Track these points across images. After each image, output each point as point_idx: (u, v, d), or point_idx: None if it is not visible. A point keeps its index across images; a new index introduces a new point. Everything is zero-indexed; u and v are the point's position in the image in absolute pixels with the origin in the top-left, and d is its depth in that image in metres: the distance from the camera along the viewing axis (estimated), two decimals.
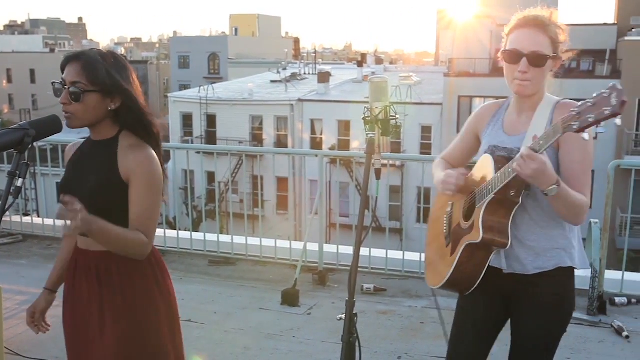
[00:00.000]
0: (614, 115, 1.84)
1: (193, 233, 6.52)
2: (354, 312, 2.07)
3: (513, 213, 2.24)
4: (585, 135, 1.90)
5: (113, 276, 2.27)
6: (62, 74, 2.23)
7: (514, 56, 2.25)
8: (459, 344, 2.57)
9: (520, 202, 2.22)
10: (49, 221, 7.13)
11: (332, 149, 27.36)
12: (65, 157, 2.46)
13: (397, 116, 2.08)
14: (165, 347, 2.35)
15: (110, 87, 2.21)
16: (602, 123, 1.87)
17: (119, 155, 2.24)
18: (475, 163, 2.45)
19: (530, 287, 2.34)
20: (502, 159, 2.27)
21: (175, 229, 6.70)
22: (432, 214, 2.69)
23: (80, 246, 2.35)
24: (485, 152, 2.38)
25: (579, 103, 1.93)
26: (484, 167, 2.31)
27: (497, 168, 2.20)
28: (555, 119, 2.24)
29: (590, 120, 1.87)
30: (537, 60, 2.23)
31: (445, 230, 2.51)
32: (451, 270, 2.33)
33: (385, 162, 6.11)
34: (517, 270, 2.33)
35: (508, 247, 2.24)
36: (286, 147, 28.74)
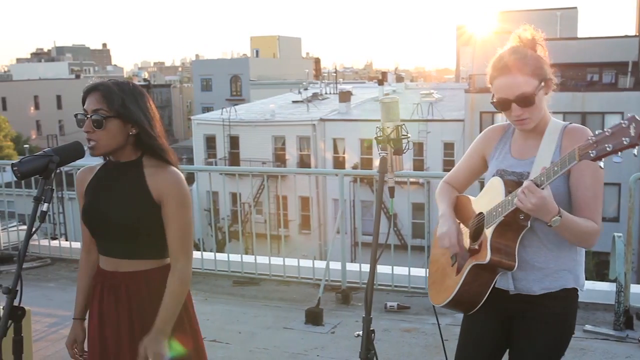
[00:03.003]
0: (632, 145, 1.86)
1: (217, 254, 6.58)
2: (372, 328, 2.08)
3: (521, 236, 2.26)
4: (601, 164, 1.93)
5: (143, 296, 2.33)
6: (84, 105, 2.32)
7: (504, 104, 2.30)
8: None
9: (529, 226, 2.24)
10: (76, 244, 7.23)
11: (354, 167, 27.40)
12: (79, 183, 2.48)
13: (409, 135, 2.12)
14: None
15: (126, 115, 2.29)
16: (619, 153, 1.89)
17: (147, 176, 2.31)
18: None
19: (534, 307, 2.36)
20: (511, 182, 2.30)
21: (199, 250, 6.76)
22: (437, 232, 2.71)
23: (106, 268, 2.40)
24: (494, 176, 2.40)
25: (597, 132, 1.95)
26: (493, 190, 2.33)
27: (508, 191, 2.23)
28: (564, 143, 2.28)
29: (608, 149, 1.89)
30: (525, 101, 2.26)
31: None
32: (456, 290, 2.36)
33: (405, 179, 6.14)
34: (523, 290, 2.35)
35: (514, 269, 2.27)
36: (309, 166, 28.83)
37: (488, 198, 2.36)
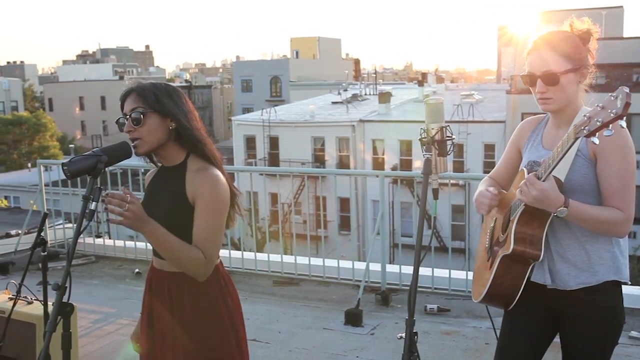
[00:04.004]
0: (618, 117, 1.85)
1: (257, 254, 6.63)
2: (414, 331, 2.08)
3: (547, 224, 2.24)
4: (595, 140, 1.91)
5: (184, 297, 2.36)
6: (122, 109, 2.38)
7: (530, 79, 2.31)
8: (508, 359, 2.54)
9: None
10: (119, 243, 7.38)
11: (394, 169, 27.30)
12: (145, 184, 2.59)
13: (454, 137, 2.11)
14: None
15: (161, 108, 2.34)
16: (610, 126, 1.88)
17: (187, 179, 2.35)
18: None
19: (577, 303, 2.33)
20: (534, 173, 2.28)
21: (239, 250, 6.82)
22: (481, 230, 2.71)
23: (155, 266, 2.46)
24: (525, 167, 2.40)
25: (592, 107, 1.94)
26: (520, 181, 2.31)
27: None
28: None
29: (598, 123, 1.88)
30: (550, 79, 2.26)
31: (487, 245, 2.53)
32: (489, 284, 2.35)
33: (446, 181, 6.10)
34: (559, 285, 2.32)
35: (541, 259, 2.25)
36: (348, 167, 28.83)
37: (517, 190, 2.35)
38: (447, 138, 2.11)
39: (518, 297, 2.34)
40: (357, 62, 70.62)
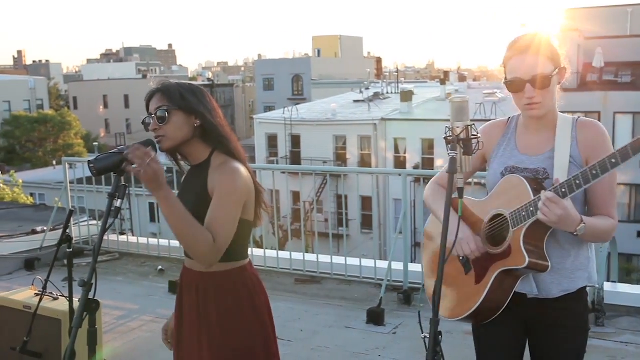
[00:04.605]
0: None
1: (279, 252, 6.65)
2: (439, 330, 2.07)
3: (548, 235, 2.20)
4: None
5: (209, 296, 2.38)
6: (148, 110, 2.41)
7: (517, 85, 2.24)
8: None
9: None
10: (143, 240, 7.44)
11: (415, 167, 27.18)
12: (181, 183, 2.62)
13: (479, 135, 2.09)
14: None
15: (186, 106, 2.36)
16: None
17: (209, 175, 2.35)
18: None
19: (553, 312, 2.30)
20: (531, 180, 2.24)
21: (262, 248, 6.85)
22: (431, 242, 2.60)
23: (186, 265, 2.48)
24: (502, 173, 2.34)
25: None
26: (514, 189, 2.24)
27: (534, 189, 2.16)
28: (579, 137, 2.25)
29: None
30: (540, 83, 2.20)
31: (462, 258, 2.39)
32: (481, 299, 2.27)
33: (470, 180, 6.06)
34: (541, 294, 2.28)
35: (549, 269, 2.20)
36: (370, 166, 28.77)
37: (507, 198, 2.27)
38: (473, 137, 2.08)
39: (501, 310, 2.28)
40: (379, 60, 70.50)
